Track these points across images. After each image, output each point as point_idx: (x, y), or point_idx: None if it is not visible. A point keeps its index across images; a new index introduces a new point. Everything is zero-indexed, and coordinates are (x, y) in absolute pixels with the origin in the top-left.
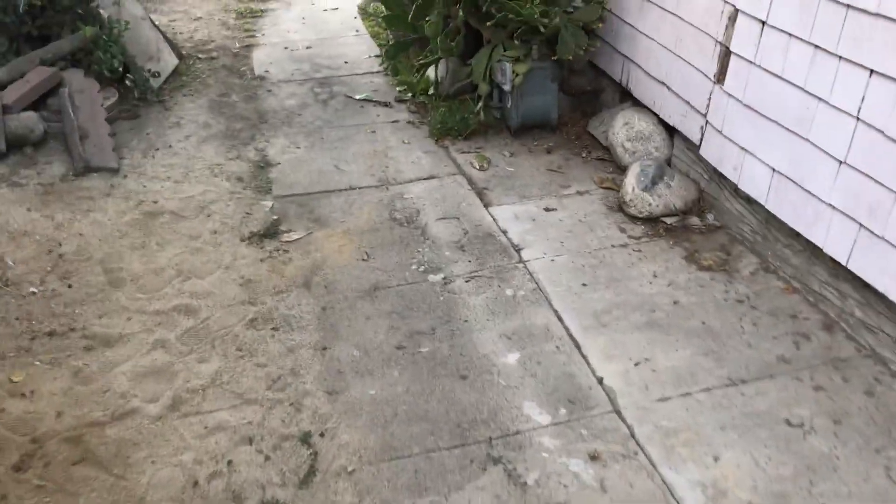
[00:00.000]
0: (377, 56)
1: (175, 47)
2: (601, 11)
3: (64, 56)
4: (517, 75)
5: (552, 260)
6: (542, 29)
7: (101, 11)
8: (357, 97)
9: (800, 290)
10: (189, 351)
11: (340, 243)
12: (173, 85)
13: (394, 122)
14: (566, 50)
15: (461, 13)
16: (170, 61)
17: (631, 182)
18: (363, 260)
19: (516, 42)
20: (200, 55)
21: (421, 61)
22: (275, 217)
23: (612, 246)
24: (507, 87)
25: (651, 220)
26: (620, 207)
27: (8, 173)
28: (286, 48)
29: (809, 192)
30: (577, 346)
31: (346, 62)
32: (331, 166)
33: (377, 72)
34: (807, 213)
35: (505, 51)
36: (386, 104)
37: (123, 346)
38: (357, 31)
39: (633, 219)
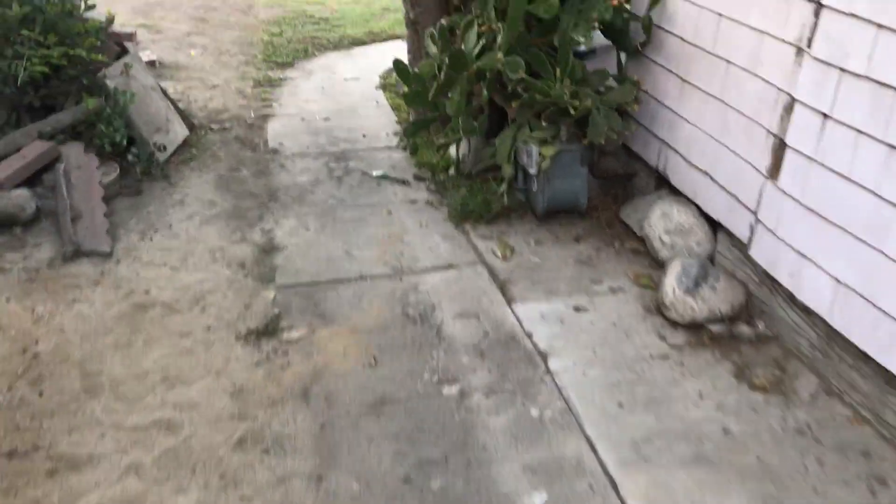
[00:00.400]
0: (397, 131)
1: (186, 117)
2: (636, 92)
3: (64, 129)
4: (544, 158)
5: (584, 372)
6: (572, 111)
7: (108, 82)
8: (374, 174)
9: (870, 421)
10: (166, 478)
11: (346, 344)
12: (181, 157)
13: (412, 201)
14: (598, 133)
15: (485, 91)
16: (179, 132)
17: (671, 282)
18: (370, 365)
19: (543, 122)
20: (213, 125)
21: (442, 141)
22: (276, 311)
23: (651, 357)
24: (532, 171)
25: (694, 327)
26: (659, 310)
27: None
28: (303, 119)
29: (884, 312)
30: (615, 487)
31: (364, 135)
32: (342, 251)
33: (396, 146)
34: (880, 335)
35: (531, 131)
36: (404, 182)
37: (92, 469)
38: (377, 102)
39: (674, 324)
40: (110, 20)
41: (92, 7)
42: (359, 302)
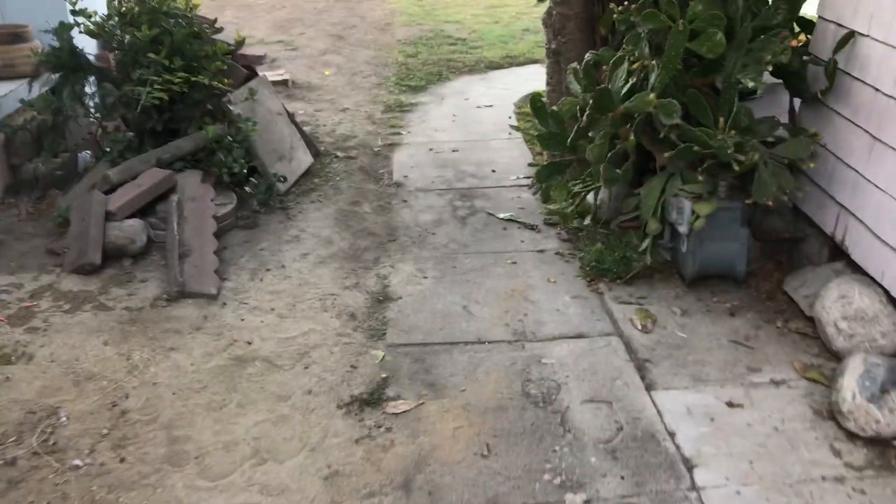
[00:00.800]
0: (529, 165)
1: (312, 144)
2: (813, 147)
3: (184, 156)
4: (698, 217)
5: (737, 492)
6: (736, 167)
7: (232, 108)
8: (500, 216)
9: None
10: None
11: (456, 424)
12: (302, 188)
13: (540, 251)
14: (764, 193)
15: (632, 137)
16: (303, 160)
17: (850, 385)
18: (483, 455)
19: (699, 175)
20: (339, 153)
21: (578, 188)
22: (384, 375)
23: (823, 479)
24: (682, 229)
25: (879, 443)
26: (833, 415)
27: (97, 291)
28: (431, 149)
29: None
30: None
31: (493, 170)
32: (459, 306)
33: (527, 185)
34: None
35: (683, 183)
36: (532, 227)
37: None
38: (510, 133)
39: (852, 436)
40: (239, 43)
41: (219, 30)
42: (474, 371)
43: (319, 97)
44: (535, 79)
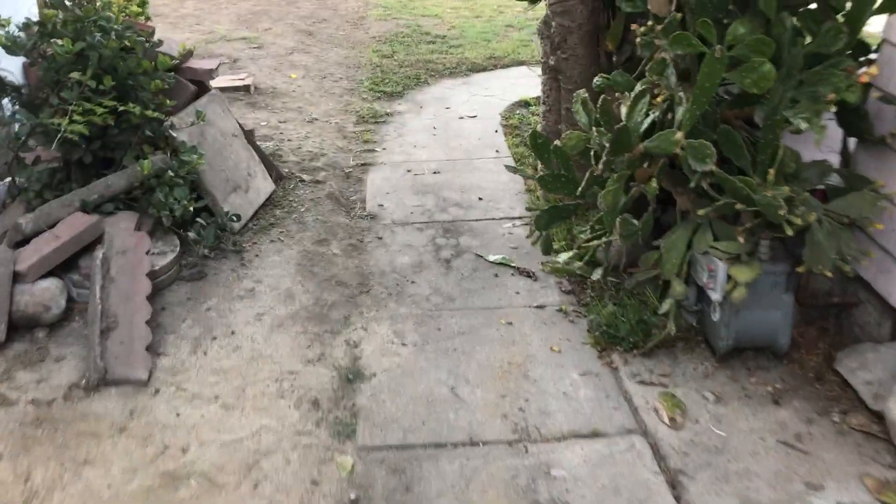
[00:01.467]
0: (520, 192)
1: (274, 167)
2: (881, 203)
3: (115, 195)
4: (736, 286)
5: None
6: (788, 230)
7: (176, 133)
8: (491, 258)
9: None
10: None
11: None
12: (261, 223)
13: (539, 307)
14: (820, 260)
15: (654, 182)
16: (262, 188)
17: None
18: None
19: (739, 235)
20: (305, 175)
21: (585, 237)
22: (352, 496)
23: None
24: (715, 296)
25: None
26: None
27: (0, 374)
28: (409, 171)
29: None
30: None
31: (480, 198)
32: (446, 387)
33: (519, 217)
34: None
35: (715, 238)
36: (529, 274)
37: None
38: (497, 151)
39: None
40: (185, 55)
41: (158, 44)
42: (466, 488)
43: (285, 105)
44: (521, 84)
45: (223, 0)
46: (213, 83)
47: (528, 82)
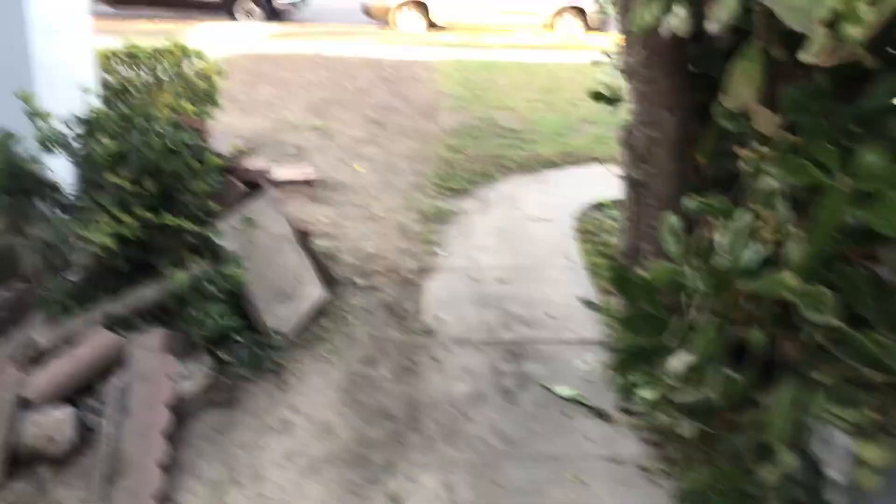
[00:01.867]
0: (595, 307)
1: (327, 270)
2: None
3: (146, 309)
4: (866, 472)
5: None
6: None
7: (219, 242)
8: (559, 392)
9: None
10: None
11: None
12: (307, 336)
13: (614, 460)
14: None
15: (758, 332)
16: (311, 296)
17: None
18: None
19: (867, 405)
20: (360, 281)
21: (675, 387)
22: None
23: None
24: (838, 477)
25: None
26: None
27: None
28: (471, 278)
29: None
30: None
31: (549, 314)
32: None
33: (592, 340)
34: None
35: (831, 400)
36: (603, 415)
37: None
38: (568, 259)
39: None
40: (237, 154)
41: (206, 144)
42: None
43: (346, 200)
44: (596, 183)
45: (298, 86)
46: (275, 173)
47: (603, 182)
